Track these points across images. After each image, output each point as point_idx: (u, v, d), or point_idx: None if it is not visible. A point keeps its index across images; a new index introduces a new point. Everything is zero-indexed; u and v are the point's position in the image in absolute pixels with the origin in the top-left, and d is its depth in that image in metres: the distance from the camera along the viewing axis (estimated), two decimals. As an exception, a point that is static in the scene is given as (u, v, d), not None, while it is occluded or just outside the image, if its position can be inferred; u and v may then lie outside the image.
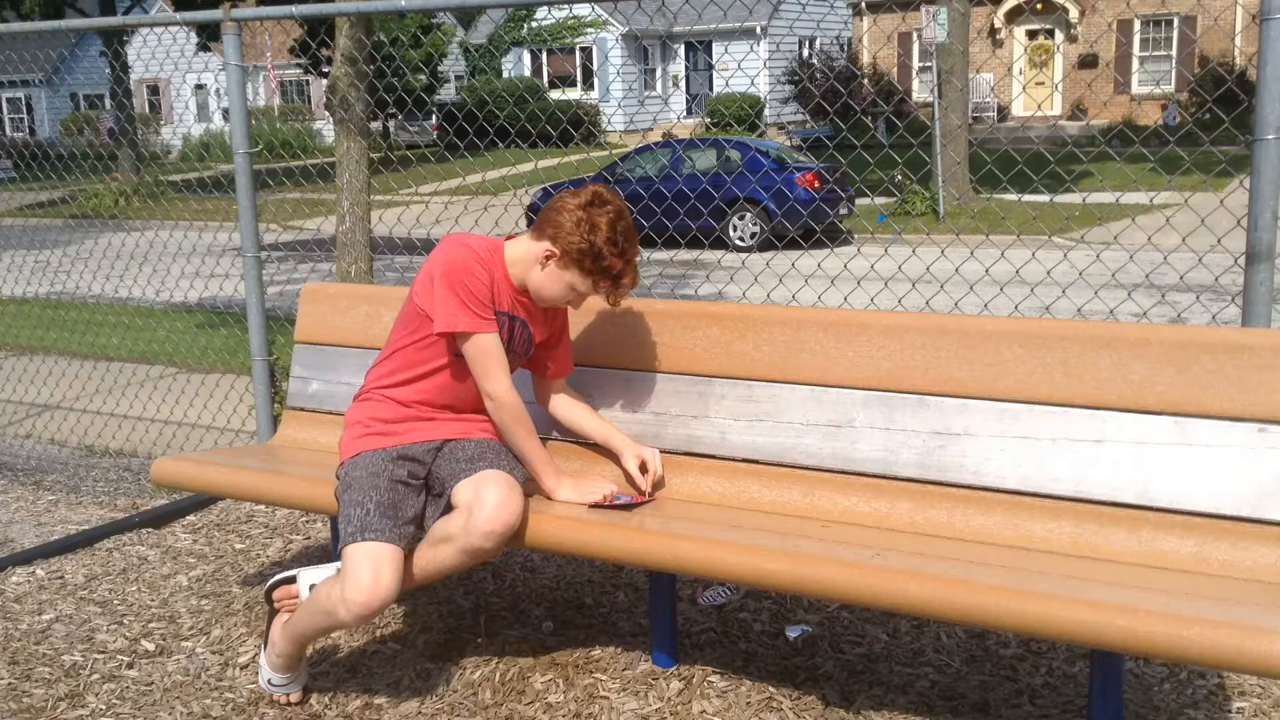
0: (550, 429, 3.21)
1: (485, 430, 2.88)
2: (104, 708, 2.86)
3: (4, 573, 3.73)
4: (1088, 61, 30.73)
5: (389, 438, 2.81)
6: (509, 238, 2.89)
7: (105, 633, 3.28)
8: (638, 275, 2.81)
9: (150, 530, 4.12)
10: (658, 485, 2.97)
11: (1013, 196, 15.09)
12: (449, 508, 2.72)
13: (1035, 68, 31.43)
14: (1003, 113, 30.51)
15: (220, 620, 3.33)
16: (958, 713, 2.63)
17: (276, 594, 2.83)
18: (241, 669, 3.03)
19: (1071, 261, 4.46)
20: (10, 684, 2.99)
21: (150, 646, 3.19)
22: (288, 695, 2.83)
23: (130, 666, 3.07)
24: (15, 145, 28.93)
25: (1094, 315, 3.21)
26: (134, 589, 3.59)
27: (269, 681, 2.82)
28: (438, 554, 2.66)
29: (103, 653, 3.15)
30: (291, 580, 2.82)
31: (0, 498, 4.66)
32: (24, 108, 42.27)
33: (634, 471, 2.92)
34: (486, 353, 2.73)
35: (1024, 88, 30.11)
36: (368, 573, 2.55)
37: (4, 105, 42.48)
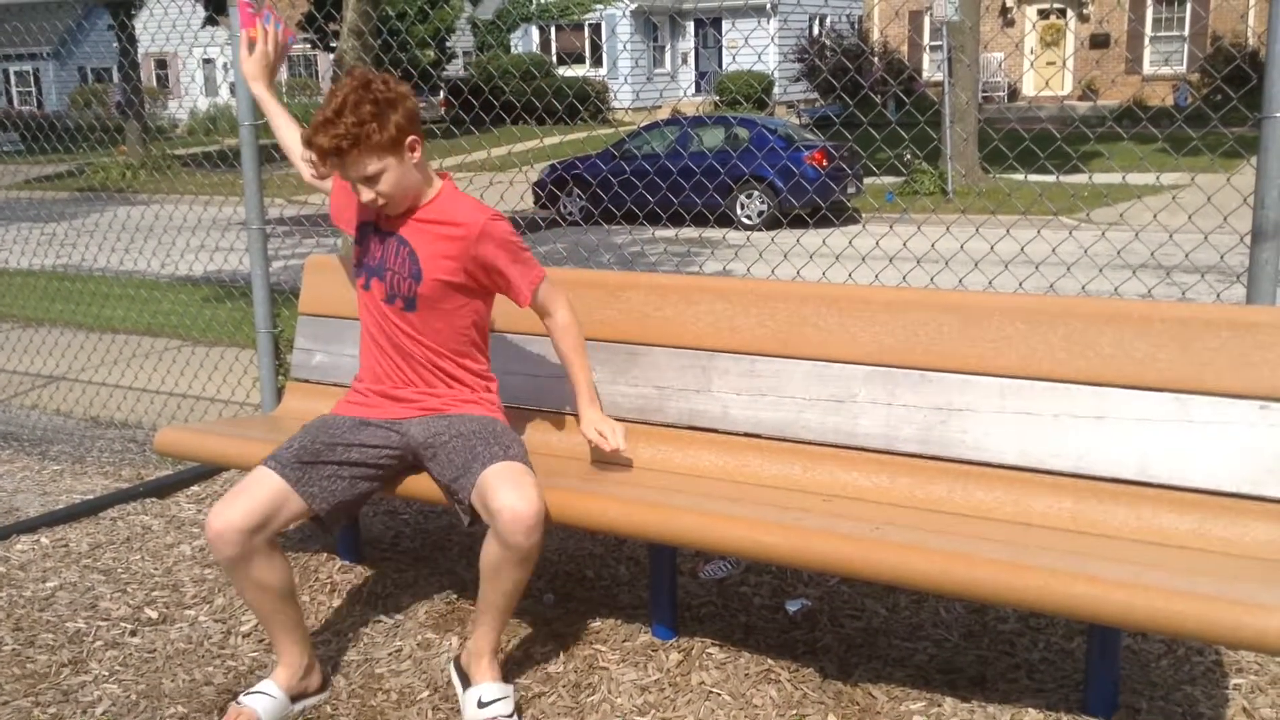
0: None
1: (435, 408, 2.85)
2: (107, 674, 2.88)
3: (9, 541, 3.76)
4: (1099, 41, 30.53)
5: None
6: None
7: (109, 600, 3.30)
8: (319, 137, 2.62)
9: (154, 500, 4.14)
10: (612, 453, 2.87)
11: (1020, 175, 15.02)
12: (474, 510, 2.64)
13: (1046, 46, 31.24)
14: (1013, 92, 30.35)
15: (223, 589, 3.35)
16: (955, 686, 2.64)
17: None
18: (244, 637, 3.05)
19: (1077, 240, 4.44)
20: (14, 650, 3.01)
21: (153, 614, 3.21)
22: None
23: (133, 634, 3.09)
24: (23, 118, 28.92)
25: (1099, 294, 3.21)
26: (137, 558, 3.61)
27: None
28: (502, 582, 2.56)
29: (106, 620, 3.17)
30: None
31: (6, 467, 4.68)
32: (32, 80, 42.18)
33: (593, 437, 2.84)
34: None
35: (1031, 64, 29.93)
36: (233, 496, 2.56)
37: (12, 78, 42.40)
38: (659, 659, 2.81)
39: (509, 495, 2.48)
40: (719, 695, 2.64)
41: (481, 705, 2.56)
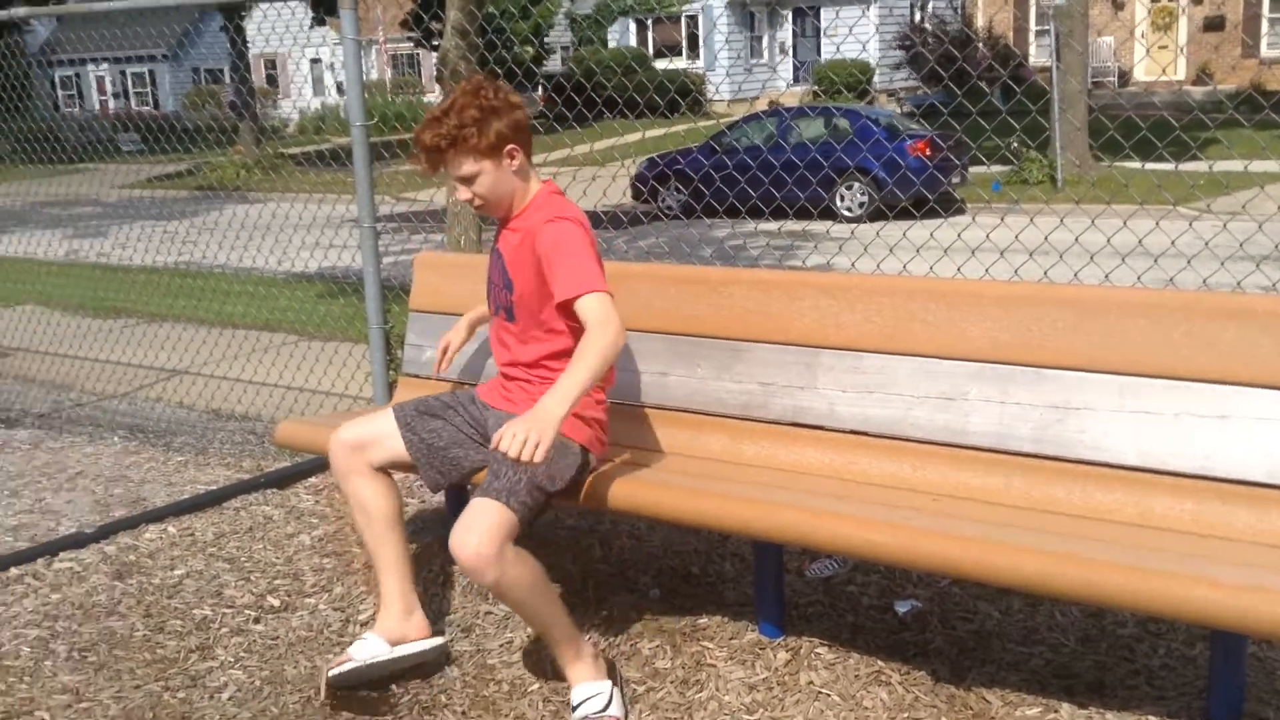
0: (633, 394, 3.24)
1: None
2: (232, 660, 2.99)
3: (138, 529, 3.92)
4: (1213, 24, 29.45)
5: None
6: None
7: (233, 588, 3.42)
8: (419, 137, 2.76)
9: (275, 490, 4.28)
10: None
11: (1135, 164, 14.58)
12: None
13: (1158, 31, 30.25)
14: (1124, 77, 29.45)
15: (341, 578, 3.45)
16: (1072, 692, 2.59)
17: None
18: (362, 625, 3.14)
19: (1197, 231, 4.31)
20: (145, 635, 3.14)
21: (275, 602, 3.32)
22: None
23: (257, 621, 3.20)
24: (143, 118, 29.98)
25: (1220, 288, 3.11)
26: (260, 547, 3.74)
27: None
28: (514, 608, 2.63)
29: (231, 607, 3.29)
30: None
31: (133, 458, 4.88)
32: (148, 81, 43.66)
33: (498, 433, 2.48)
34: None
35: (1148, 52, 29.01)
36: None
37: (129, 79, 43.96)
38: (766, 658, 2.81)
39: (457, 534, 2.49)
40: (828, 696, 2.63)
41: (572, 709, 2.62)
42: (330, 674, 2.71)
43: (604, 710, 2.58)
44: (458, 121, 2.70)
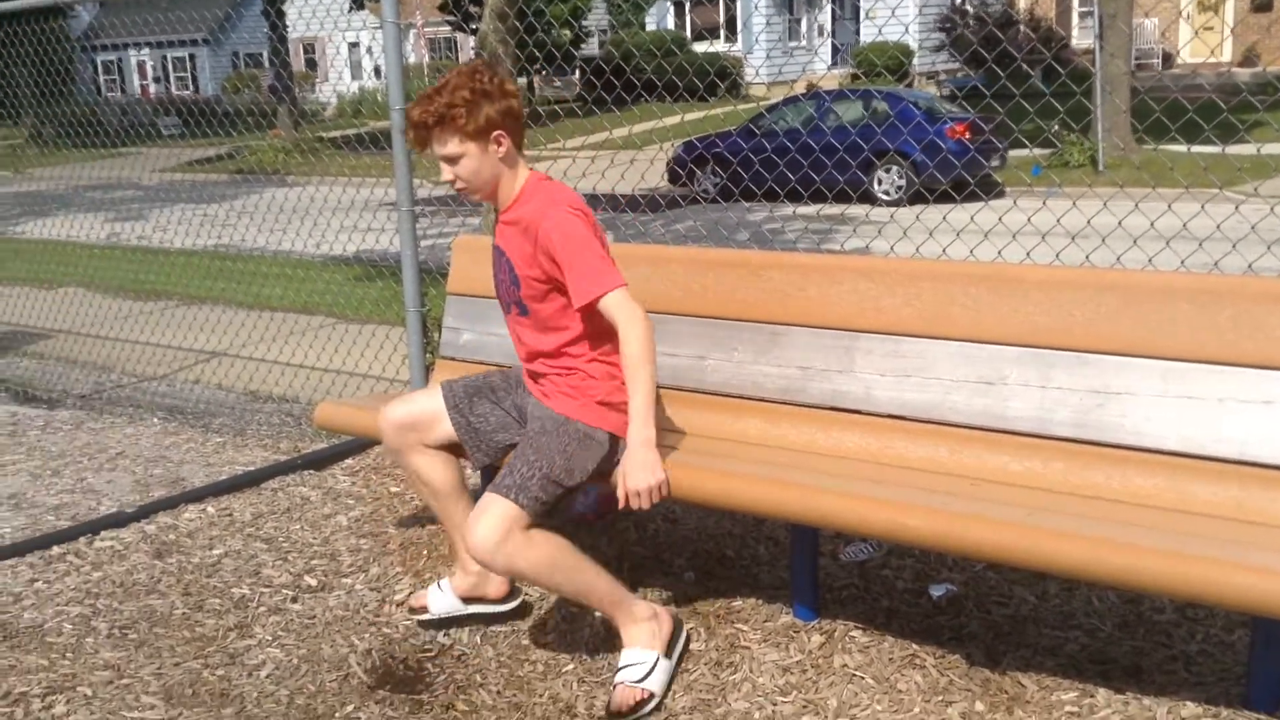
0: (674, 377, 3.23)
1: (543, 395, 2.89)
2: (270, 639, 3.02)
3: (178, 509, 3.97)
4: (1263, 5, 28.93)
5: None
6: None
7: (271, 568, 3.45)
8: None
9: (312, 472, 4.32)
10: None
11: (1179, 147, 14.35)
12: None
13: (1205, 11, 29.75)
14: (1168, 60, 29.00)
15: (378, 559, 3.47)
16: (1109, 677, 2.57)
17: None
18: (397, 605, 3.16)
19: (1243, 215, 4.24)
20: (185, 614, 3.18)
21: (312, 582, 3.35)
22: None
23: (294, 600, 3.23)
24: (184, 102, 30.23)
25: (1266, 272, 3.06)
26: (297, 527, 3.77)
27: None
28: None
29: (269, 587, 3.33)
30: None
31: (173, 439, 4.94)
32: (187, 66, 44.00)
33: (619, 490, 2.61)
34: None
35: (1197, 32, 28.53)
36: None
37: (170, 64, 44.31)
38: (800, 640, 2.80)
39: (466, 527, 2.58)
40: (862, 679, 2.62)
41: (617, 671, 2.66)
42: (412, 616, 3.05)
43: (640, 681, 2.59)
44: (448, 101, 2.68)
